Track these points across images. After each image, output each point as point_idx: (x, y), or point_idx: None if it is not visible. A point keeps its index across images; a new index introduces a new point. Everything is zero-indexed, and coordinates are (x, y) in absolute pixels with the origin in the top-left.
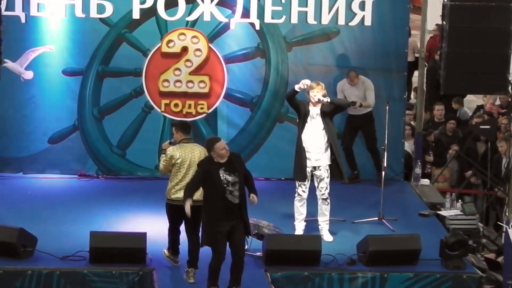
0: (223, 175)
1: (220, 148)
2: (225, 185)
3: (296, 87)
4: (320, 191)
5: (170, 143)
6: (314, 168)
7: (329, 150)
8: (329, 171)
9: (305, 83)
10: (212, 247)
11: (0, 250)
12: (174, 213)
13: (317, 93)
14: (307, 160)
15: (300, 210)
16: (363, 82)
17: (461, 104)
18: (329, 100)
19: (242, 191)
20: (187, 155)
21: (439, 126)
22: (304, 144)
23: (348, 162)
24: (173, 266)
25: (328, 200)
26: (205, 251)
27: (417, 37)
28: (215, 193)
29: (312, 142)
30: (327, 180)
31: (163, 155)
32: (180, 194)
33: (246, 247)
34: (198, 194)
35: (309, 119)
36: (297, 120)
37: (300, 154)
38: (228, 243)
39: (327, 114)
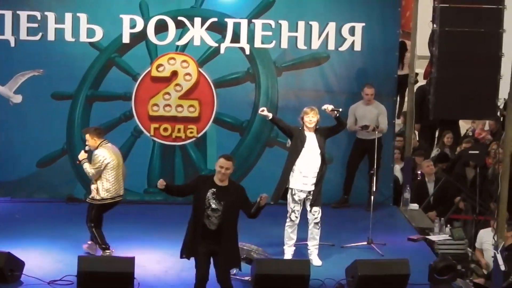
0: (209, 197)
1: (220, 164)
2: (205, 207)
3: (263, 115)
4: (313, 215)
5: (86, 152)
6: (309, 192)
7: (322, 175)
8: (315, 194)
9: (260, 112)
10: (195, 265)
11: None
12: (104, 210)
13: (313, 118)
14: (303, 185)
15: (290, 235)
16: (377, 106)
17: None
18: (341, 110)
19: (224, 221)
20: (115, 155)
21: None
22: (301, 169)
23: (345, 185)
24: None
25: (320, 224)
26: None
27: None
28: (195, 210)
29: (310, 167)
30: (320, 204)
31: (87, 163)
32: (111, 194)
33: (235, 271)
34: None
35: (306, 144)
36: (288, 144)
37: (283, 176)
38: (214, 267)
39: (323, 139)
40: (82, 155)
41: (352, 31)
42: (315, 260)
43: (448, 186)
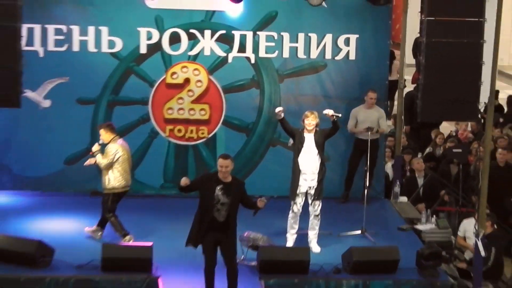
0: (218, 193)
1: (219, 164)
2: (215, 203)
3: (276, 116)
4: (313, 207)
5: (99, 144)
6: (310, 187)
7: (323, 172)
8: (318, 190)
9: (278, 111)
10: (204, 253)
11: (21, 260)
12: (118, 199)
13: (312, 121)
14: (304, 181)
15: (293, 225)
16: (377, 110)
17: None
18: (340, 115)
19: (230, 212)
20: (125, 150)
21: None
22: (300, 167)
23: (346, 181)
24: (177, 274)
25: (320, 217)
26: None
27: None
28: (205, 205)
29: (308, 165)
30: (321, 199)
31: (99, 155)
32: (124, 183)
33: (242, 257)
34: (121, 181)
35: (304, 145)
36: (289, 143)
37: (294, 176)
38: (221, 254)
39: (320, 140)
40: (95, 147)
41: (347, 42)
42: (315, 247)
43: (435, 181)
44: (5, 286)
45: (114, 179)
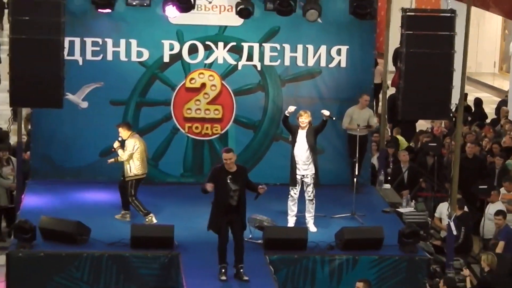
0: (229, 182)
1: (224, 158)
2: (229, 190)
3: (286, 113)
4: (307, 193)
5: (119, 141)
6: (303, 176)
7: (313, 162)
8: (313, 178)
9: (290, 109)
10: (217, 233)
11: (62, 238)
12: (138, 184)
13: (305, 119)
14: (297, 170)
15: (292, 208)
16: (368, 110)
17: None
18: (334, 118)
19: (240, 196)
20: (142, 142)
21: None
22: (296, 158)
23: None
24: (195, 251)
25: (314, 201)
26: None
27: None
28: (220, 194)
29: (301, 157)
30: (312, 185)
31: (120, 150)
32: (143, 170)
33: (250, 236)
34: (140, 169)
35: (298, 139)
36: (289, 139)
37: (292, 165)
38: (231, 232)
39: (311, 135)
40: (116, 144)
41: (339, 52)
42: (311, 228)
43: (416, 171)
44: (49, 260)
45: (135, 168)
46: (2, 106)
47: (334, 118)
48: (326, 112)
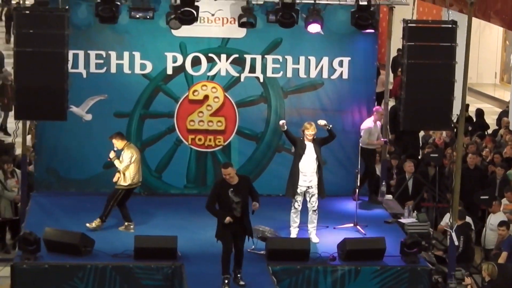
0: (231, 195)
1: (223, 173)
2: (231, 203)
3: (281, 129)
4: (311, 204)
5: (114, 151)
6: (308, 186)
7: (318, 174)
8: (318, 189)
9: (282, 123)
10: (222, 242)
11: (66, 249)
12: (130, 193)
13: (311, 132)
14: (304, 181)
15: (294, 219)
16: (378, 123)
17: None
18: (331, 126)
19: (243, 207)
20: (137, 151)
21: None
22: (301, 170)
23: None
24: (198, 262)
25: (317, 212)
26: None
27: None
28: (224, 207)
29: (309, 168)
30: (316, 196)
31: (117, 160)
32: (135, 180)
33: (252, 247)
34: (135, 179)
35: (306, 151)
36: (292, 150)
37: (293, 176)
38: (234, 242)
39: (318, 147)
40: (112, 154)
41: (341, 64)
42: (314, 238)
43: (419, 181)
44: (54, 271)
45: (130, 178)
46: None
47: (330, 127)
48: (322, 122)
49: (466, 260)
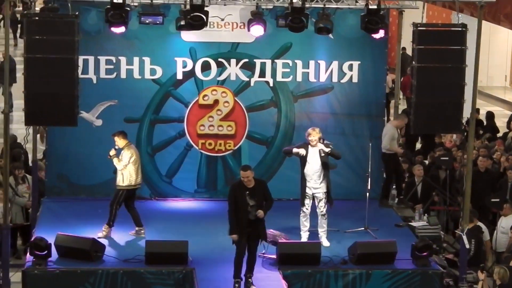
0: (247, 198)
1: (242, 176)
2: (246, 206)
3: (294, 151)
4: (320, 209)
5: (115, 149)
6: (315, 192)
7: (325, 179)
8: (326, 194)
9: (301, 153)
10: (236, 245)
11: (77, 255)
12: (130, 195)
13: (314, 137)
14: (309, 189)
15: (304, 223)
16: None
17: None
18: (330, 147)
19: (258, 210)
20: (137, 152)
21: None
22: (307, 177)
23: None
24: (209, 266)
25: (326, 216)
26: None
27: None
28: (239, 209)
29: (314, 174)
30: (325, 201)
31: (116, 158)
32: (137, 180)
33: (263, 251)
34: (134, 180)
35: (308, 158)
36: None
37: (301, 182)
38: (247, 245)
39: (325, 154)
40: (112, 152)
41: (350, 68)
42: (324, 242)
43: (429, 185)
44: (65, 277)
45: (129, 178)
46: (17, 124)
47: (329, 151)
48: (326, 149)
49: (478, 263)
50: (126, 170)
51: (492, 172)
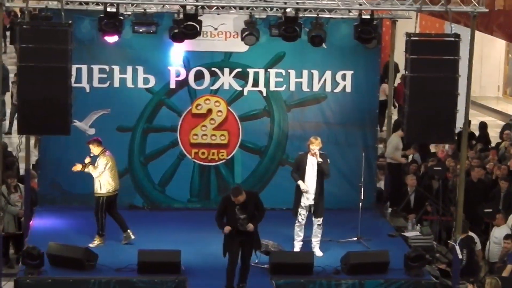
0: (237, 212)
1: (233, 199)
2: (237, 219)
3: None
4: (316, 219)
5: (90, 157)
6: (312, 202)
7: (321, 191)
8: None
9: (306, 195)
10: (228, 254)
11: (70, 264)
12: (110, 202)
13: (316, 147)
14: (306, 199)
15: (299, 233)
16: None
17: None
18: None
19: (249, 222)
20: (113, 159)
21: None
22: (304, 186)
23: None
24: (202, 275)
25: (322, 226)
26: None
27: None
28: (230, 221)
29: (312, 184)
30: (321, 211)
31: (91, 166)
32: (115, 186)
33: (256, 261)
34: (112, 186)
35: (307, 168)
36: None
37: (297, 193)
38: (241, 254)
39: (322, 164)
40: (87, 160)
41: (344, 77)
42: (317, 252)
43: (422, 194)
44: (57, 286)
45: (106, 185)
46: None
47: (320, 162)
48: (319, 159)
49: (470, 274)
50: (103, 177)
51: (485, 182)
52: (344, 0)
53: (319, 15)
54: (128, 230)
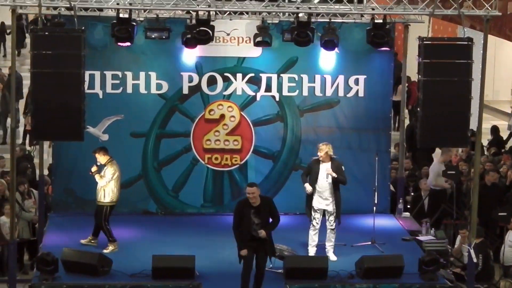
0: (252, 216)
1: (247, 192)
2: (252, 224)
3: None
4: (330, 223)
5: (97, 166)
6: (326, 206)
7: (336, 194)
8: (335, 210)
9: (319, 199)
10: (243, 259)
11: (84, 270)
12: (112, 210)
13: (320, 153)
14: (319, 204)
15: (313, 237)
16: None
17: None
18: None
19: (263, 227)
20: (119, 169)
21: None
22: (318, 192)
23: None
24: (216, 281)
25: (335, 230)
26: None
27: None
28: (245, 227)
29: (325, 189)
30: (335, 215)
31: (97, 175)
32: (117, 197)
33: (270, 265)
34: (115, 196)
35: (320, 173)
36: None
37: (309, 198)
38: (255, 260)
39: (334, 167)
40: (94, 168)
41: (357, 82)
42: (332, 256)
43: (435, 198)
44: None
45: (111, 195)
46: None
47: (335, 176)
48: (333, 174)
49: (486, 279)
50: (108, 186)
51: (499, 186)
52: (356, 5)
53: (332, 20)
54: (96, 238)
